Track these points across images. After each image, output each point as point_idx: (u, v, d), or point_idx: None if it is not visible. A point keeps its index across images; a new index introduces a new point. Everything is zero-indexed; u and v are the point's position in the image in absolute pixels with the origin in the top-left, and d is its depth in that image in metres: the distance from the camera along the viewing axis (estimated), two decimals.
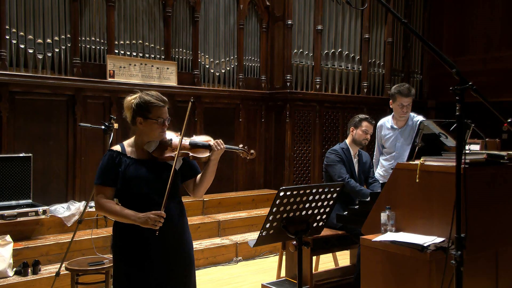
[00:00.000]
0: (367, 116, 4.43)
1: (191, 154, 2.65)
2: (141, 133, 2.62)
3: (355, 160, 4.38)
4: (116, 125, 4.23)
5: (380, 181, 4.41)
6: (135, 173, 2.56)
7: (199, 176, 2.76)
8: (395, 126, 4.51)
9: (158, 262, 2.58)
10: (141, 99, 2.58)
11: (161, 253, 2.58)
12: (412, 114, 4.50)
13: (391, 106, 4.52)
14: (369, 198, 3.91)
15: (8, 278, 4.21)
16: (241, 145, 2.81)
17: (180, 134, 2.68)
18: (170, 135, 2.69)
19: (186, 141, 2.67)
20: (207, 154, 2.67)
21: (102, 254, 4.46)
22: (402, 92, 4.34)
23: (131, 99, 2.62)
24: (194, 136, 2.77)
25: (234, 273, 5.29)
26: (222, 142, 2.70)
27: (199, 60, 6.58)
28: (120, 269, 2.62)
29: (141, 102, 2.58)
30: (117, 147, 2.63)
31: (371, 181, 4.45)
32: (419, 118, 4.51)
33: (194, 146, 2.68)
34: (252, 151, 2.79)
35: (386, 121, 4.59)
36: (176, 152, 2.58)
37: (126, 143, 2.67)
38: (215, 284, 4.87)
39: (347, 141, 4.42)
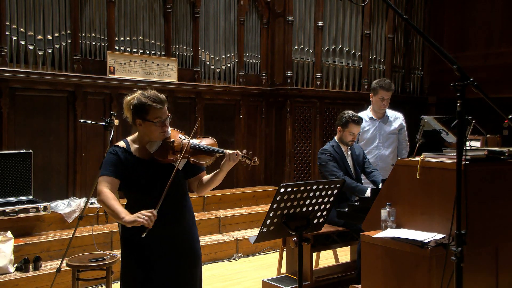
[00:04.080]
0: (354, 117, 4.24)
1: (192, 159, 2.60)
2: (142, 133, 2.57)
3: (347, 154, 4.35)
4: (116, 122, 4.23)
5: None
6: (137, 173, 2.52)
7: (204, 174, 2.75)
8: (374, 118, 4.83)
9: (161, 262, 2.55)
10: (138, 101, 2.50)
11: (164, 253, 2.55)
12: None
13: (371, 99, 4.85)
14: (368, 194, 3.92)
15: (9, 274, 4.22)
16: (244, 151, 2.72)
17: (183, 133, 2.67)
18: (174, 134, 2.64)
19: (190, 143, 2.59)
20: (207, 160, 2.63)
21: (103, 250, 4.47)
22: (384, 86, 4.69)
23: (130, 99, 2.54)
24: (199, 137, 2.71)
25: (234, 269, 5.29)
26: (238, 152, 2.64)
27: (200, 57, 6.57)
28: (127, 270, 2.59)
29: (138, 104, 2.49)
30: (121, 143, 2.58)
31: (369, 170, 4.40)
32: (397, 113, 4.91)
33: (196, 152, 2.61)
34: (255, 158, 2.71)
35: (365, 115, 4.84)
36: (177, 156, 2.54)
37: (130, 139, 2.61)
38: (216, 280, 4.87)
39: (336, 138, 4.36)
